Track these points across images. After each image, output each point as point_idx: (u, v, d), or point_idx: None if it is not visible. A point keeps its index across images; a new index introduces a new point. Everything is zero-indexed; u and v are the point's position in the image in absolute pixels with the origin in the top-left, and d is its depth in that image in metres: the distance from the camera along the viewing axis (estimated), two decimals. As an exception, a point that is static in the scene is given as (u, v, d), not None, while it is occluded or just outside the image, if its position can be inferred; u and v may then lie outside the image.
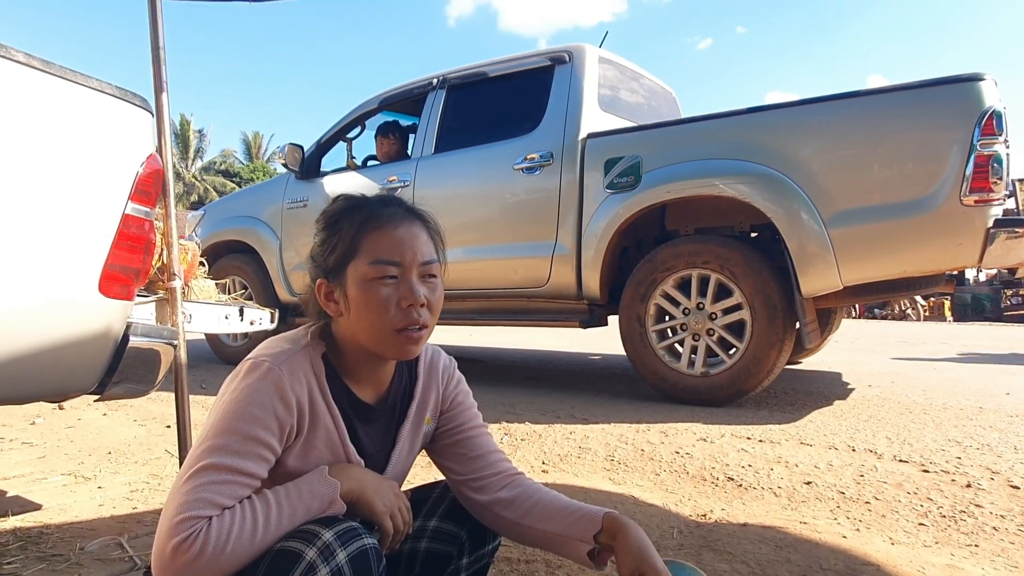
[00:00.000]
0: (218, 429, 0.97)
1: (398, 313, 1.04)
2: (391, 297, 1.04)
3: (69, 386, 1.70)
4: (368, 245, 1.05)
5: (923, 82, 3.04)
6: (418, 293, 1.04)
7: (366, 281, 1.04)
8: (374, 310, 1.04)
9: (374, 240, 1.05)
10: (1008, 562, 1.71)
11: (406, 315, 1.04)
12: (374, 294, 1.04)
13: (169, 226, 2.15)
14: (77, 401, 3.38)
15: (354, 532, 0.96)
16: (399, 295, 1.04)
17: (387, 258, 1.04)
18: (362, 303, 1.05)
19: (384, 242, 1.05)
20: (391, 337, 1.05)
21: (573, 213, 3.85)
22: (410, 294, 1.04)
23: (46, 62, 1.55)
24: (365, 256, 1.05)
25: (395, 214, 1.08)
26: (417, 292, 1.04)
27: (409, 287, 1.04)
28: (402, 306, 1.04)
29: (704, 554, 1.76)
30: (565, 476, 2.48)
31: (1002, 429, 2.96)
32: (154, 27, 2.18)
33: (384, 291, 1.04)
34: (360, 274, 1.05)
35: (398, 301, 1.04)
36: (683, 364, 3.56)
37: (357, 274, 1.05)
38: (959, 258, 2.98)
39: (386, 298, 1.04)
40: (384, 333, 1.04)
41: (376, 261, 1.04)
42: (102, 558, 1.74)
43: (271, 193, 5.37)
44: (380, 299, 1.03)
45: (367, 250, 1.05)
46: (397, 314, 1.04)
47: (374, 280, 1.04)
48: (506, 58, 4.42)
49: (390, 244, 1.05)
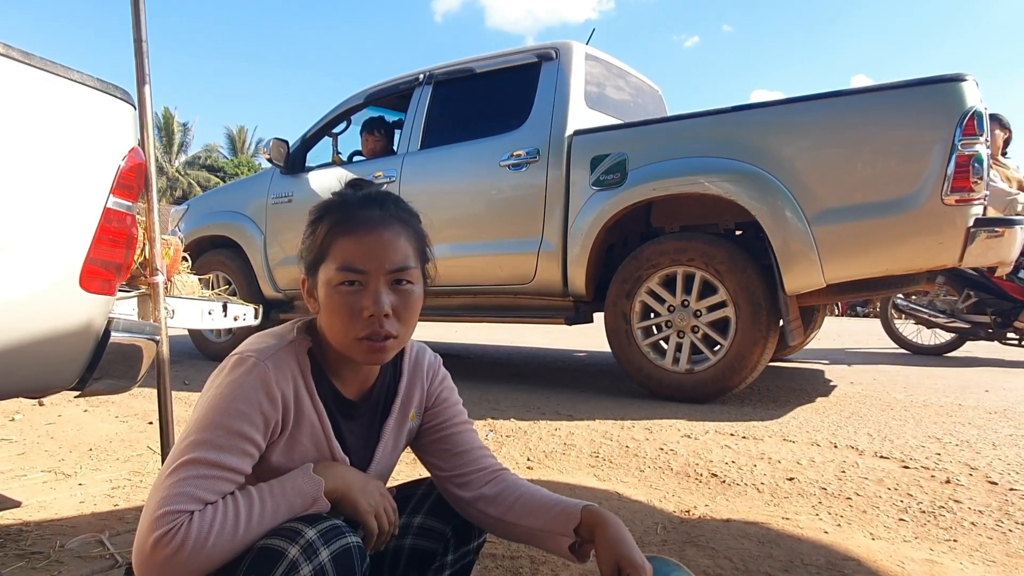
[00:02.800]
0: (202, 424, 0.96)
1: (359, 322, 1.01)
2: (353, 306, 1.02)
3: (49, 382, 1.68)
4: (336, 249, 1.03)
5: (906, 82, 3.06)
6: (381, 303, 1.01)
7: (331, 286, 1.03)
8: (336, 316, 1.02)
9: (342, 244, 1.03)
10: (986, 557, 1.74)
11: (367, 325, 1.01)
12: (337, 300, 1.02)
13: (152, 220, 2.13)
14: (57, 397, 3.34)
15: (337, 530, 0.96)
16: (361, 304, 1.01)
17: (352, 265, 1.02)
18: (327, 308, 1.04)
19: (351, 248, 1.02)
20: (355, 344, 1.03)
21: (559, 210, 3.85)
22: (372, 304, 1.01)
23: (25, 53, 1.53)
24: (332, 260, 1.03)
25: (370, 218, 1.04)
26: (380, 302, 1.01)
27: (373, 296, 1.01)
28: (363, 315, 1.01)
29: (687, 550, 1.77)
30: (550, 472, 2.48)
31: (981, 426, 3.00)
32: (136, 19, 2.15)
33: (348, 298, 1.02)
34: (327, 278, 1.04)
35: (360, 310, 1.01)
36: (668, 361, 3.58)
37: (325, 277, 1.04)
38: (940, 257, 3.02)
39: (349, 306, 1.02)
40: (348, 340, 1.03)
41: (341, 267, 1.02)
42: (83, 555, 1.72)
43: (256, 188, 5.32)
44: (343, 306, 1.02)
45: (334, 254, 1.03)
46: (358, 322, 1.02)
47: (339, 286, 1.02)
48: (493, 54, 4.41)
49: (357, 250, 1.02)
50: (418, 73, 4.64)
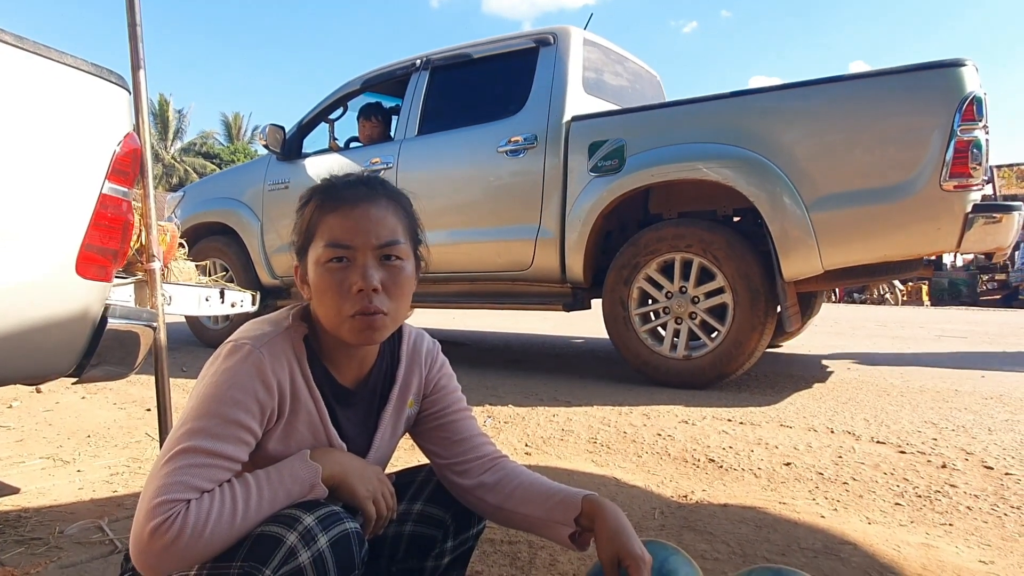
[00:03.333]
0: (198, 412, 0.96)
1: (348, 298, 1.01)
2: (342, 282, 1.01)
3: (46, 369, 1.68)
4: (323, 227, 1.03)
5: (905, 67, 3.05)
6: (370, 278, 1.01)
7: (320, 264, 1.03)
8: (326, 294, 1.02)
9: (328, 221, 1.03)
10: (981, 540, 1.75)
11: (356, 300, 1.01)
12: (326, 278, 1.02)
13: (148, 207, 2.12)
14: (55, 384, 3.34)
15: (336, 516, 0.96)
16: (350, 279, 1.01)
17: (338, 240, 1.02)
18: (317, 287, 1.03)
19: (338, 223, 1.02)
20: (346, 322, 1.02)
21: (557, 196, 3.84)
22: (360, 279, 1.00)
23: (19, 37, 1.51)
24: (320, 238, 1.03)
25: (355, 195, 1.05)
26: (369, 276, 1.01)
27: (361, 271, 1.01)
28: (352, 291, 1.01)
29: (685, 534, 1.78)
30: (548, 458, 2.49)
31: (977, 411, 3.02)
32: (130, 3, 2.13)
33: (336, 275, 1.01)
34: (315, 257, 1.03)
35: (348, 286, 1.01)
36: (666, 347, 3.58)
37: (314, 257, 1.04)
38: (938, 243, 3.02)
39: (337, 283, 1.01)
40: (339, 319, 1.02)
41: (328, 244, 1.02)
42: (82, 541, 1.73)
43: (252, 174, 5.30)
44: (331, 283, 1.01)
45: (321, 232, 1.03)
46: (347, 299, 1.01)
47: (327, 263, 1.02)
48: (490, 39, 4.37)
49: (343, 226, 1.02)
50: (415, 59, 4.61)
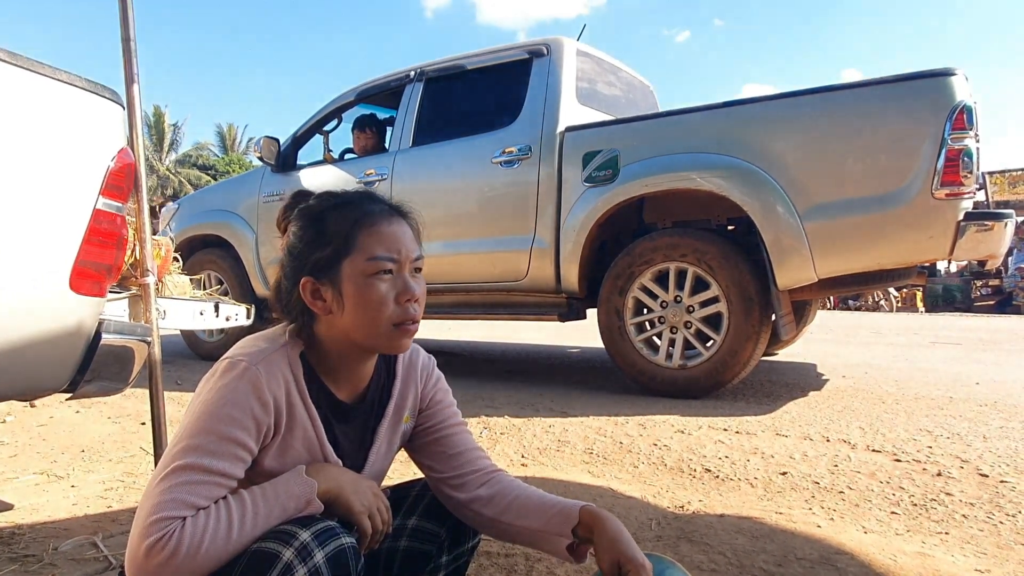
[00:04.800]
0: (194, 429, 0.96)
1: (396, 308, 1.06)
2: (389, 292, 1.06)
3: (40, 385, 1.67)
4: (364, 242, 1.06)
5: (895, 77, 3.08)
6: (414, 288, 1.08)
7: (365, 276, 1.05)
8: (373, 306, 1.05)
9: (369, 236, 1.07)
10: (977, 549, 1.75)
11: (404, 310, 1.07)
12: (373, 290, 1.05)
13: (142, 221, 2.12)
14: (49, 399, 3.31)
15: (332, 532, 0.96)
16: (396, 290, 1.07)
17: (385, 254, 1.06)
18: (360, 299, 1.05)
19: (379, 239, 1.07)
20: (388, 331, 1.07)
21: (551, 207, 3.85)
22: (407, 289, 1.07)
23: (12, 54, 1.52)
24: (362, 252, 1.06)
25: (384, 211, 1.11)
26: (413, 287, 1.08)
27: (405, 282, 1.08)
28: (400, 301, 1.07)
29: (682, 545, 1.78)
30: (544, 469, 2.49)
31: (972, 419, 3.02)
32: (124, 18, 2.13)
33: (383, 287, 1.06)
34: (359, 270, 1.05)
35: (396, 296, 1.06)
36: (661, 357, 3.58)
37: (355, 270, 1.05)
38: (931, 251, 3.03)
39: (385, 294, 1.06)
40: (382, 328, 1.06)
41: (374, 257, 1.05)
42: (76, 558, 1.72)
43: (247, 186, 5.29)
44: (379, 295, 1.05)
45: (364, 247, 1.06)
46: (395, 309, 1.06)
47: (372, 276, 1.05)
48: (484, 51, 4.40)
49: (386, 240, 1.07)
50: (409, 70, 4.63)
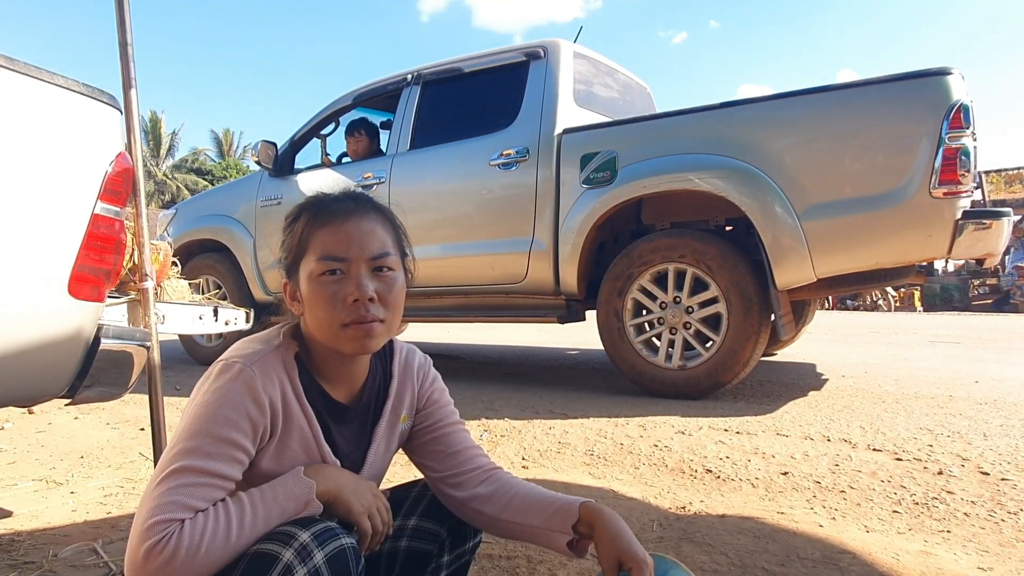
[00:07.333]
0: (190, 432, 0.96)
1: (344, 308, 1.03)
2: (337, 293, 1.03)
3: (39, 390, 1.67)
4: (315, 241, 1.05)
5: (892, 76, 3.08)
6: (364, 288, 1.03)
7: (313, 278, 1.04)
8: (321, 306, 1.04)
9: (321, 236, 1.05)
10: (979, 547, 1.75)
11: (352, 311, 1.03)
12: (320, 290, 1.04)
13: (140, 226, 2.12)
14: (47, 405, 3.31)
15: (331, 532, 0.95)
16: (345, 291, 1.03)
17: (332, 253, 1.04)
18: (311, 300, 1.05)
19: (330, 237, 1.05)
20: (340, 332, 1.04)
21: (550, 209, 3.85)
22: (355, 289, 1.03)
23: (10, 59, 1.51)
24: (313, 252, 1.05)
25: (344, 209, 1.07)
26: (363, 287, 1.03)
27: (356, 282, 1.03)
28: (347, 301, 1.03)
29: (684, 546, 1.78)
30: (545, 471, 2.48)
31: (972, 417, 3.02)
32: (121, 22, 2.13)
33: (330, 287, 1.03)
34: (308, 271, 1.05)
35: (344, 297, 1.03)
36: (660, 358, 3.58)
37: (307, 271, 1.05)
38: (929, 250, 3.04)
39: (332, 294, 1.03)
40: (333, 329, 1.04)
41: (322, 257, 1.04)
42: (76, 564, 1.71)
43: (244, 191, 5.30)
44: (326, 295, 1.03)
45: (314, 246, 1.05)
46: (343, 309, 1.03)
47: (321, 276, 1.04)
48: (481, 54, 4.40)
49: (336, 239, 1.05)
50: (406, 73, 4.63)
